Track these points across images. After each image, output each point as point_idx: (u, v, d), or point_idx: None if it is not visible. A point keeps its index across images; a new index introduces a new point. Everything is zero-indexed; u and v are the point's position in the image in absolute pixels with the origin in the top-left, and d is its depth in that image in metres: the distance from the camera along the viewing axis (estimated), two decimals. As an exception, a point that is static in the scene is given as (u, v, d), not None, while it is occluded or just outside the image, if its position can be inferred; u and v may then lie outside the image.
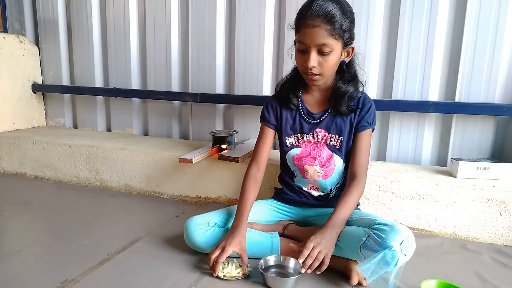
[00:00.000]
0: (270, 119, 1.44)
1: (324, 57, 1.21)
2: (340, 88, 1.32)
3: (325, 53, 1.20)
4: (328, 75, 1.29)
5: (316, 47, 1.20)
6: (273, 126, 1.44)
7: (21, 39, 2.56)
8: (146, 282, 1.17)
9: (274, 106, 1.44)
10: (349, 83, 1.33)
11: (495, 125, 1.77)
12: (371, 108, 1.36)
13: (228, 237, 1.22)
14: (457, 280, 1.16)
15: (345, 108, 1.32)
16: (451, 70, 1.79)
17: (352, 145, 1.36)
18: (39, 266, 1.26)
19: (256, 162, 1.43)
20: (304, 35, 1.20)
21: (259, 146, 1.45)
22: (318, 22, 1.17)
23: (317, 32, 1.18)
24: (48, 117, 2.78)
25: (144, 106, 2.47)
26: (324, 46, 1.19)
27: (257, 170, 1.41)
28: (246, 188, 1.36)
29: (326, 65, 1.23)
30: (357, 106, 1.34)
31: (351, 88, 1.33)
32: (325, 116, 1.37)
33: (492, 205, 1.49)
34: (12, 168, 2.37)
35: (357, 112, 1.34)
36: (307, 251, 1.09)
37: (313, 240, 1.12)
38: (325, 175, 1.38)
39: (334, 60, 1.24)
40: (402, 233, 1.08)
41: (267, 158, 1.45)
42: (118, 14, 2.39)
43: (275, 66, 2.10)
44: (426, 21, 1.76)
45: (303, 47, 1.23)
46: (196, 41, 2.21)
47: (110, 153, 2.09)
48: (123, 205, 1.87)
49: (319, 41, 1.19)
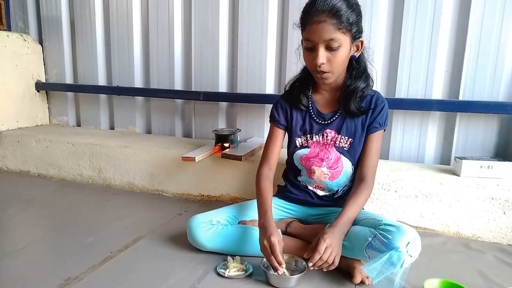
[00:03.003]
0: (280, 120, 1.41)
1: (333, 52, 1.18)
2: (350, 85, 1.29)
3: (333, 48, 1.17)
4: (338, 71, 1.25)
5: (324, 43, 1.17)
6: (283, 126, 1.42)
7: (24, 38, 2.57)
8: (149, 280, 1.17)
9: (284, 106, 1.41)
10: (359, 78, 1.29)
11: (499, 123, 1.76)
12: (384, 109, 1.32)
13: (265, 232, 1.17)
14: (461, 279, 1.15)
15: (355, 108, 1.29)
16: (455, 68, 1.79)
17: (362, 147, 1.33)
18: (43, 263, 1.27)
19: (267, 163, 1.40)
20: (311, 32, 1.17)
21: (269, 147, 1.42)
22: (324, 17, 1.14)
23: (324, 27, 1.15)
24: (52, 115, 2.79)
25: (147, 104, 2.47)
26: (332, 41, 1.16)
27: (269, 170, 1.39)
28: (263, 186, 1.33)
29: (336, 61, 1.19)
30: (369, 107, 1.31)
31: (361, 84, 1.29)
32: (335, 116, 1.34)
33: (495, 204, 1.48)
34: (16, 166, 2.38)
35: (369, 113, 1.31)
36: (319, 255, 1.07)
37: (326, 241, 1.08)
38: (332, 176, 1.36)
39: (344, 55, 1.20)
40: (409, 234, 1.07)
41: (277, 159, 1.43)
42: (121, 13, 2.39)
43: (278, 64, 2.09)
44: (430, 19, 1.75)
45: (310, 44, 1.19)
46: (199, 39, 2.21)
47: (113, 151, 2.09)
48: (126, 203, 1.87)
49: (326, 36, 1.15)
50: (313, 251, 1.09)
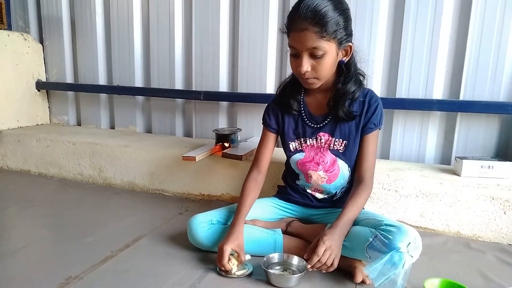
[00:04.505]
0: (271, 124, 1.41)
1: (317, 60, 1.15)
2: (339, 89, 1.26)
3: (317, 56, 1.14)
4: (325, 77, 1.22)
5: (307, 51, 1.14)
6: (275, 130, 1.41)
7: (25, 37, 2.57)
8: (150, 279, 1.17)
9: (275, 110, 1.40)
10: (348, 83, 1.25)
11: (500, 123, 1.76)
12: (378, 108, 1.28)
13: (225, 237, 1.21)
14: (461, 278, 1.15)
15: (343, 114, 1.26)
16: (455, 68, 1.78)
17: (358, 148, 1.31)
18: (43, 263, 1.27)
19: (257, 166, 1.41)
20: (294, 39, 1.15)
21: (260, 150, 1.43)
22: (306, 25, 1.10)
23: (306, 36, 1.11)
24: (52, 115, 2.79)
25: (148, 104, 2.47)
26: (316, 50, 1.13)
27: (257, 173, 1.39)
28: (245, 188, 1.34)
29: (321, 68, 1.17)
30: (362, 111, 1.28)
31: (351, 87, 1.25)
32: (327, 119, 1.32)
33: (496, 204, 1.48)
34: (16, 165, 2.38)
35: (363, 114, 1.28)
36: (317, 258, 1.07)
37: (325, 243, 1.08)
38: (329, 180, 1.35)
39: (329, 62, 1.17)
40: (410, 234, 1.07)
41: (269, 162, 1.43)
42: (122, 12, 2.39)
43: (279, 64, 2.09)
44: (431, 19, 1.75)
45: (294, 51, 1.17)
46: (200, 38, 2.21)
47: (113, 150, 2.09)
48: (126, 203, 1.87)
49: (309, 45, 1.12)
50: (312, 252, 1.09)
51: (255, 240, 1.28)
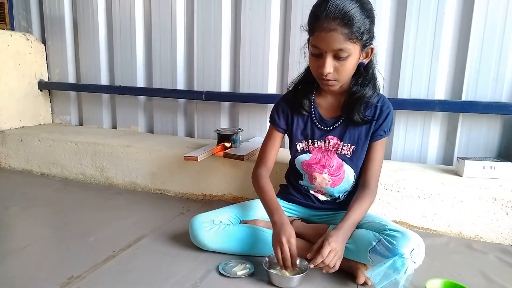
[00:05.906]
0: (280, 123, 1.36)
1: (341, 62, 1.10)
2: (356, 92, 1.22)
3: (342, 58, 1.09)
4: (345, 80, 1.19)
5: (332, 52, 1.09)
6: (283, 130, 1.38)
7: (27, 37, 2.57)
8: (151, 279, 1.17)
9: (285, 110, 1.35)
10: (366, 86, 1.22)
11: (502, 124, 1.75)
12: (389, 115, 1.26)
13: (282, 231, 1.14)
14: (463, 279, 1.15)
15: (359, 117, 1.23)
16: (457, 68, 1.78)
17: (366, 154, 1.29)
18: (45, 262, 1.27)
19: (264, 164, 1.37)
20: (319, 40, 1.09)
21: (267, 148, 1.38)
22: (334, 26, 1.05)
23: (333, 37, 1.06)
24: (54, 115, 2.79)
25: (150, 104, 2.48)
26: (341, 51, 1.08)
27: (267, 171, 1.37)
28: (265, 185, 1.30)
29: (343, 69, 1.12)
30: (374, 116, 1.25)
31: (368, 92, 1.22)
32: (338, 123, 1.29)
33: (498, 205, 1.48)
34: (19, 165, 2.39)
35: (375, 121, 1.25)
36: (322, 259, 1.06)
37: (330, 245, 1.07)
38: (333, 183, 1.33)
39: (352, 64, 1.13)
40: (413, 240, 1.06)
41: (274, 161, 1.41)
42: (124, 12, 2.39)
43: (281, 64, 2.09)
44: (433, 19, 1.75)
45: (317, 51, 1.11)
46: (202, 39, 2.22)
47: (115, 150, 2.10)
48: (128, 203, 1.88)
49: (335, 47, 1.07)
50: (316, 252, 1.08)
51: (256, 240, 1.28)
